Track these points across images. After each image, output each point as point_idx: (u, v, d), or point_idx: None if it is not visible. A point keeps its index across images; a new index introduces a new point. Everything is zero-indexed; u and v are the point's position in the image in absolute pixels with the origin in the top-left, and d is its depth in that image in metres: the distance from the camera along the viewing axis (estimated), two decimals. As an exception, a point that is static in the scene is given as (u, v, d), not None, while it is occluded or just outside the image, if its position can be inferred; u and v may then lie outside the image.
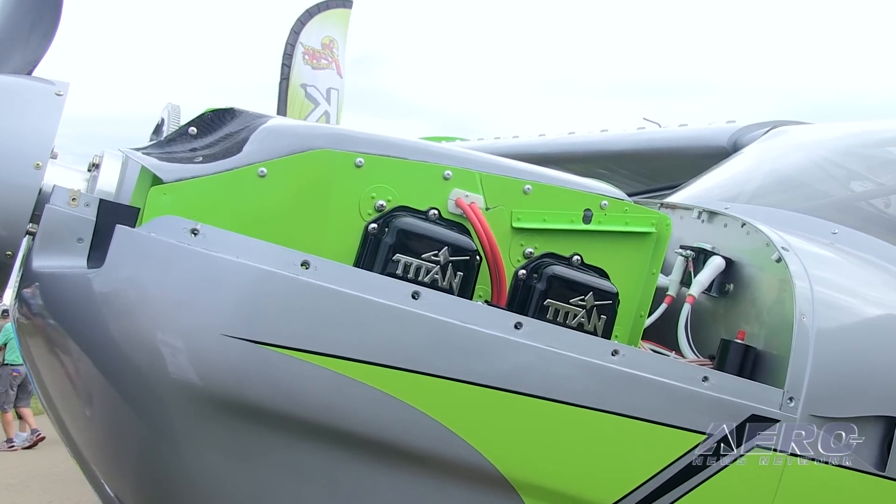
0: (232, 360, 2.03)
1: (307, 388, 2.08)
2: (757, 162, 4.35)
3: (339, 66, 17.05)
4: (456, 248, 2.26)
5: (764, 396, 2.48)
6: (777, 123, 4.86)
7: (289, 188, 2.21)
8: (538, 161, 2.82)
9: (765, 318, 2.72)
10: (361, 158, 2.26)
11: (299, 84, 16.46)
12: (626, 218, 2.53)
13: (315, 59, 16.66)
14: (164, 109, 2.62)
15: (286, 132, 2.28)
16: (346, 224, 2.26)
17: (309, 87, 16.60)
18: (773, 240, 2.78)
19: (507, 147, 6.84)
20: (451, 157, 2.38)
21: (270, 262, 2.04)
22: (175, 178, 2.14)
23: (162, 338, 2.03)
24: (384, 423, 2.14)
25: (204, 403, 2.08)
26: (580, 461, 2.33)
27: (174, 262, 2.02)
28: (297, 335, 2.05)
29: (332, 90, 16.88)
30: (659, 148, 5.82)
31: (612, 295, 2.44)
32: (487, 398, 2.18)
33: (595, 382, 2.29)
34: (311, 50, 16.62)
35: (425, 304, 2.14)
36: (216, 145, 2.29)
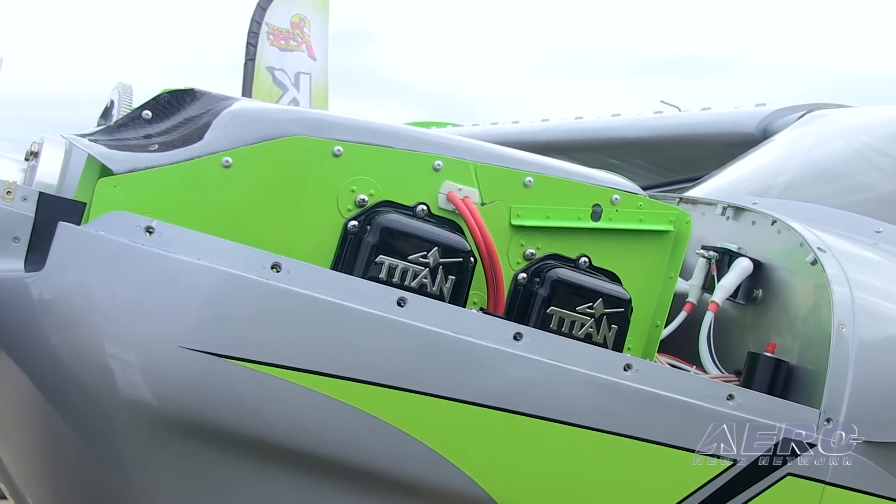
0: (192, 376, 2.04)
1: (278, 407, 2.09)
2: (790, 151, 4.36)
3: (311, 47, 17.01)
4: (447, 248, 2.27)
5: (797, 417, 2.50)
6: (814, 106, 4.87)
7: (257, 180, 2.22)
8: (541, 150, 2.84)
9: (798, 329, 2.74)
10: (340, 147, 2.27)
11: (265, 67, 16.44)
12: (640, 214, 2.55)
13: (282, 39, 16.62)
14: (114, 90, 2.63)
15: (254, 117, 2.30)
16: (323, 221, 2.27)
17: (276, 71, 16.59)
18: (807, 239, 2.79)
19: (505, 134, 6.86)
20: (442, 145, 2.40)
21: (236, 265, 2.05)
22: (127, 169, 2.14)
23: (111, 351, 2.03)
24: (366, 448, 2.15)
25: (160, 426, 2.08)
26: (587, 490, 2.35)
27: (125, 264, 2.03)
28: (267, 348, 2.06)
29: (301, 75, 16.86)
30: (678, 135, 5.84)
31: (624, 302, 2.46)
32: (482, 419, 2.20)
33: (605, 401, 2.30)
34: (278, 30, 16.58)
35: (412, 313, 2.15)
36: (174, 131, 2.30)
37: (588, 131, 6.46)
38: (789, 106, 5.11)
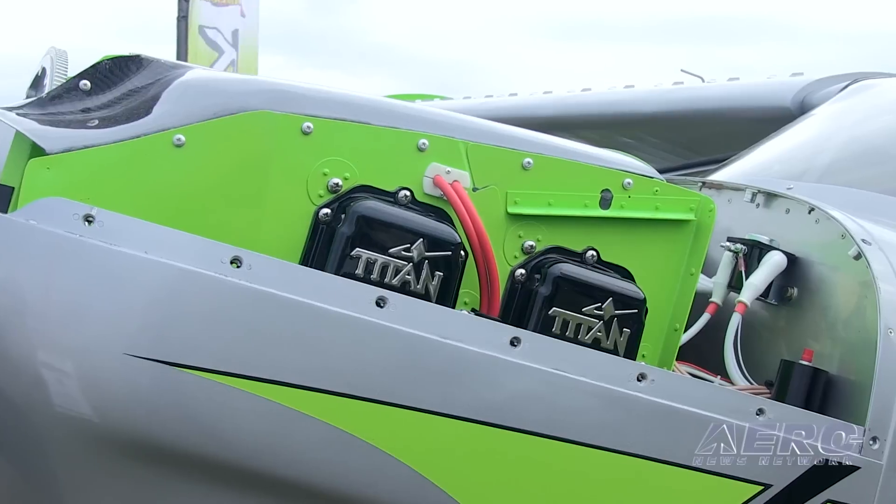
0: (137, 387, 2.05)
1: (238, 424, 2.10)
2: (831, 127, 4.38)
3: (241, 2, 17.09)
4: (434, 240, 2.29)
5: (838, 436, 2.52)
6: (859, 76, 4.88)
7: (214, 161, 2.23)
8: (543, 127, 2.85)
9: (839, 333, 2.76)
10: (310, 123, 2.28)
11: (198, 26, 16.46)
12: (656, 201, 2.57)
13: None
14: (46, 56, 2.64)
15: (210, 88, 2.31)
16: (290, 209, 2.28)
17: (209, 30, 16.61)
18: (850, 230, 2.81)
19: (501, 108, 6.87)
20: (428, 121, 2.41)
21: (189, 259, 2.05)
22: (62, 148, 2.15)
23: (45, 359, 2.04)
24: (338, 469, 2.17)
25: (101, 446, 2.09)
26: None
27: (61, 258, 2.03)
28: (225, 355, 2.07)
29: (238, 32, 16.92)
30: (701, 109, 5.85)
31: (637, 302, 2.48)
32: (473, 436, 2.21)
33: (615, 416, 2.32)
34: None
35: (393, 314, 2.16)
36: (117, 104, 2.31)
37: (597, 105, 6.46)
38: (831, 76, 5.11)
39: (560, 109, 6.62)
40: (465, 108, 7.49)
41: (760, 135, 4.57)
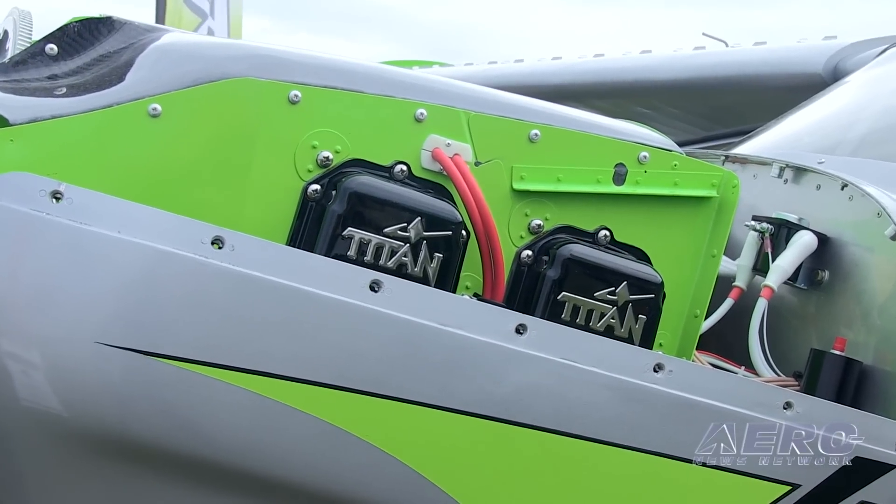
0: (110, 378, 2.05)
1: (220, 418, 2.11)
2: (867, 96, 4.38)
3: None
4: (433, 219, 2.29)
5: (873, 432, 2.52)
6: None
7: (193, 133, 2.23)
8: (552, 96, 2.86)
9: (874, 321, 2.77)
10: (298, 91, 2.28)
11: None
12: (675, 177, 2.58)
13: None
14: (9, 17, 2.63)
15: (189, 53, 2.31)
16: (277, 185, 2.29)
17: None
18: (887, 208, 2.82)
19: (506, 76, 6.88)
20: (426, 89, 2.42)
21: (167, 239, 2.05)
22: (27, 119, 2.15)
23: (9, 348, 2.05)
24: (328, 467, 2.18)
25: (70, 443, 2.10)
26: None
27: (26, 239, 2.03)
28: (206, 344, 2.08)
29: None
30: (724, 76, 5.86)
31: (654, 286, 2.49)
32: (475, 432, 2.23)
33: (630, 410, 2.33)
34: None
35: (388, 299, 2.16)
36: (86, 71, 2.31)
37: (610, 73, 6.47)
38: (867, 39, 5.13)
39: (570, 77, 6.63)
40: (466, 75, 7.51)
41: (789, 104, 4.57)
